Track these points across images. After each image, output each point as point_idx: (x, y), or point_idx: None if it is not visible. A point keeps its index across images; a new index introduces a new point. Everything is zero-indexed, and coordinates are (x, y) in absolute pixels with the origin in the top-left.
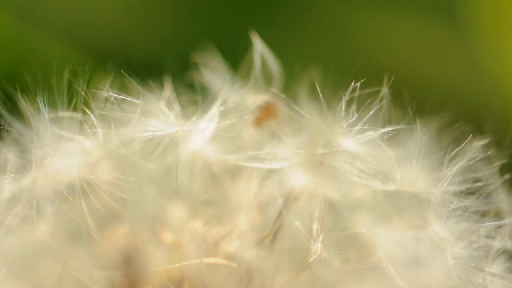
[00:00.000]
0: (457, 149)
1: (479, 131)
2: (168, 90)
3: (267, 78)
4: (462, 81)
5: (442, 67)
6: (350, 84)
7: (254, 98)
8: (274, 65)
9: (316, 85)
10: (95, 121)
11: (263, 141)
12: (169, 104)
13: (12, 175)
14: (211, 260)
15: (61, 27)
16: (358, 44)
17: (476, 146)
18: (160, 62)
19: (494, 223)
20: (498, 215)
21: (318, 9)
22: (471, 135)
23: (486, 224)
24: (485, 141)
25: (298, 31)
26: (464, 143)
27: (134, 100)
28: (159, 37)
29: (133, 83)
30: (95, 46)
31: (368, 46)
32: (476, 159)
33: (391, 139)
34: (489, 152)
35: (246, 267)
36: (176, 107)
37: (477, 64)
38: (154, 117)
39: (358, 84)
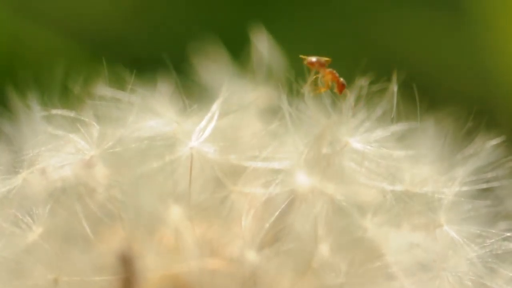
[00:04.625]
0: (469, 148)
1: (491, 129)
2: (167, 86)
3: (272, 74)
4: (474, 79)
5: (453, 64)
6: (358, 80)
7: (257, 95)
8: (279, 60)
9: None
10: (90, 119)
11: (267, 140)
12: (167, 101)
13: (3, 175)
14: (212, 263)
15: (56, 21)
16: (368, 40)
17: (488, 145)
18: (159, 56)
19: (508, 224)
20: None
21: (325, 3)
22: (483, 133)
23: (499, 225)
24: (498, 140)
25: (305, 25)
26: (477, 142)
27: (131, 97)
28: (158, 30)
29: (130, 79)
30: (91, 41)
31: (378, 42)
32: (489, 159)
33: (400, 138)
34: (502, 151)
35: (248, 271)
36: (175, 104)
37: (489, 61)
38: (151, 115)
39: (366, 81)
